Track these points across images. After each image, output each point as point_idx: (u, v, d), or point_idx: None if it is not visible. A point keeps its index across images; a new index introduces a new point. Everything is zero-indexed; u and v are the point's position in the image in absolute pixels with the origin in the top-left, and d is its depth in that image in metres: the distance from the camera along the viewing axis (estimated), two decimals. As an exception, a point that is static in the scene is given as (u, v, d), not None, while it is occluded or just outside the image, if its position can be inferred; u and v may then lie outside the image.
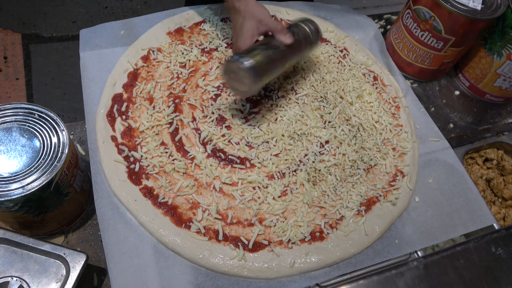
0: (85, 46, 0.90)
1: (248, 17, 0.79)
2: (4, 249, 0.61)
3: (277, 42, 0.80)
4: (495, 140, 0.99)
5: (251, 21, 0.79)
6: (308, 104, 0.91)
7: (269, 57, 0.77)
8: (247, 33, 0.78)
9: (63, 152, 0.62)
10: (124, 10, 2.48)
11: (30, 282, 0.60)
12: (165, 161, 0.78)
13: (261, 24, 0.79)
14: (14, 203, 0.58)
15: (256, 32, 0.79)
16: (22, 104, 0.65)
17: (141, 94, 0.85)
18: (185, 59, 0.92)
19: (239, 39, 0.79)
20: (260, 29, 0.79)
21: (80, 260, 0.61)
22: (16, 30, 2.27)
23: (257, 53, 0.76)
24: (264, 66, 0.76)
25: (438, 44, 0.96)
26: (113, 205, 0.72)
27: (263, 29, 0.80)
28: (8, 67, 2.12)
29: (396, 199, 0.80)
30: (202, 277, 0.68)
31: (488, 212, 0.83)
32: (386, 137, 0.90)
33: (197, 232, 0.71)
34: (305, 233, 0.73)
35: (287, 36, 0.80)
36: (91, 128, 0.80)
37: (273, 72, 0.80)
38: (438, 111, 1.03)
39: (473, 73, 1.05)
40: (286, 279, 0.70)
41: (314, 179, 0.80)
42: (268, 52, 0.77)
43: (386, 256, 0.74)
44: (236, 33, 0.81)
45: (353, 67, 1.00)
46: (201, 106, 0.86)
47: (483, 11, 0.90)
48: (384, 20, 1.22)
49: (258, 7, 0.80)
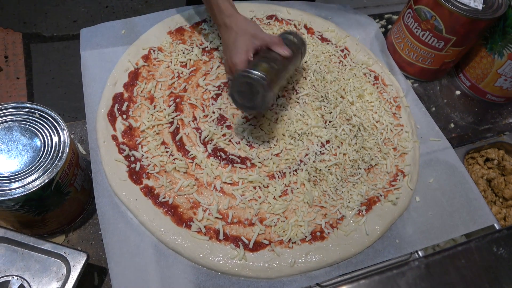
0: (86, 46, 0.90)
1: (241, 33, 0.77)
2: (5, 248, 0.61)
3: (275, 54, 0.78)
4: (496, 140, 0.99)
5: (244, 36, 0.76)
6: (308, 103, 0.91)
7: (273, 68, 0.75)
8: (241, 48, 0.76)
9: (63, 151, 0.62)
10: (125, 10, 2.48)
11: (30, 281, 0.60)
12: (166, 160, 0.78)
13: (255, 39, 0.77)
14: (15, 202, 0.59)
15: (251, 46, 0.76)
16: (23, 104, 0.65)
17: (142, 93, 0.85)
18: (185, 58, 0.92)
19: (234, 55, 0.76)
20: (255, 43, 0.77)
21: (80, 259, 0.61)
22: (17, 29, 2.27)
23: (261, 65, 0.74)
24: (273, 76, 0.74)
25: (439, 44, 0.96)
26: (114, 205, 0.72)
27: (258, 43, 0.77)
28: (9, 66, 2.12)
29: (396, 199, 0.80)
30: (202, 276, 0.68)
31: (489, 212, 0.83)
32: (387, 136, 0.90)
33: (197, 232, 0.71)
34: (306, 233, 0.73)
35: (285, 48, 0.79)
36: (91, 128, 0.80)
37: (280, 82, 0.80)
38: (439, 111, 1.03)
39: (474, 73, 1.05)
40: (287, 279, 0.69)
41: (315, 179, 0.80)
42: (271, 64, 0.76)
43: (386, 256, 0.74)
44: (230, 50, 0.78)
45: (354, 67, 1.00)
46: (202, 106, 0.86)
47: (484, 10, 0.90)
48: (385, 20, 1.22)
49: (250, 22, 0.80)
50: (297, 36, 0.87)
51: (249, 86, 0.72)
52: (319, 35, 1.05)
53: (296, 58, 0.86)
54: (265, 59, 0.77)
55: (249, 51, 0.76)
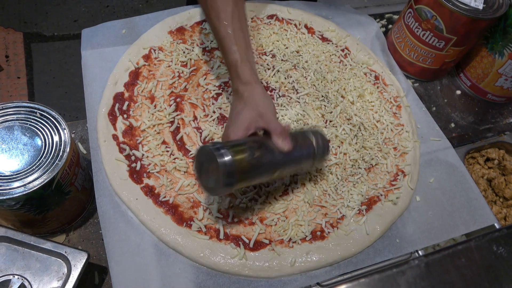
0: (87, 45, 0.90)
1: (249, 106, 0.68)
2: (6, 247, 0.62)
3: (271, 145, 0.66)
4: (496, 139, 0.99)
5: (251, 112, 0.67)
6: (309, 103, 0.91)
7: (255, 159, 0.62)
8: (242, 123, 0.66)
9: (64, 150, 0.62)
10: (126, 9, 2.48)
11: (31, 280, 0.60)
12: (166, 160, 0.78)
13: (261, 119, 0.67)
14: (15, 202, 0.59)
15: (253, 125, 0.67)
16: (23, 103, 0.65)
17: (142, 93, 0.85)
18: (186, 58, 0.92)
19: (231, 128, 0.67)
20: (259, 123, 0.67)
21: (81, 258, 0.61)
22: (17, 29, 2.28)
23: (242, 149, 0.61)
24: (244, 169, 0.61)
25: (439, 44, 0.96)
26: (114, 204, 0.72)
27: (261, 125, 0.67)
28: (9, 66, 2.12)
29: (397, 199, 0.80)
30: (203, 275, 0.68)
31: (489, 211, 0.83)
32: (387, 136, 0.90)
33: (198, 231, 0.71)
34: (306, 232, 0.73)
35: (286, 142, 0.66)
36: (92, 127, 0.80)
37: (255, 178, 0.65)
38: (439, 111, 1.03)
39: (474, 73, 1.05)
40: (287, 278, 0.70)
41: (315, 178, 0.81)
42: (256, 153, 0.63)
43: (387, 256, 0.74)
44: (231, 120, 0.69)
45: (355, 67, 1.00)
46: (202, 105, 0.86)
47: (485, 10, 0.90)
48: (386, 20, 1.22)
49: (264, 99, 0.69)
50: (321, 138, 0.73)
51: (210, 163, 0.60)
52: (319, 35, 1.05)
53: (302, 160, 0.71)
54: (256, 143, 0.65)
55: (249, 129, 0.66)
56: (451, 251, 0.68)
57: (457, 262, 0.67)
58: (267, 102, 0.69)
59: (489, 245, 0.69)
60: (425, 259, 0.67)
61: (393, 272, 0.65)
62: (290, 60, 0.97)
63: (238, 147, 0.62)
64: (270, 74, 0.94)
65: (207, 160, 0.61)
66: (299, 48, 1.00)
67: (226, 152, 0.58)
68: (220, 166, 0.57)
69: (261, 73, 0.94)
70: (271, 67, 0.95)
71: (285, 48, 1.00)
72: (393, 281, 0.64)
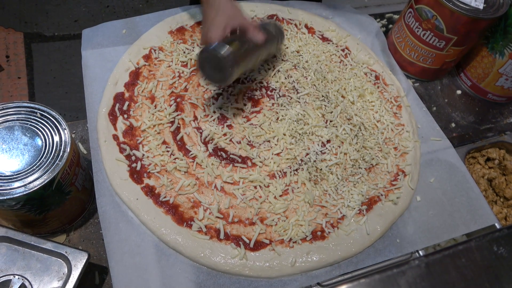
0: (87, 45, 0.90)
1: (221, 11, 0.79)
2: (6, 247, 0.62)
3: (248, 37, 0.81)
4: (497, 139, 0.99)
5: (224, 15, 0.79)
6: (309, 103, 0.91)
7: (243, 47, 0.79)
8: (219, 25, 0.78)
9: (65, 150, 0.62)
10: (126, 9, 2.49)
11: (32, 281, 0.60)
12: (167, 160, 0.78)
13: (233, 20, 0.80)
14: (16, 202, 0.59)
15: (229, 25, 0.79)
16: (24, 103, 0.66)
17: (142, 93, 0.85)
18: (186, 58, 0.92)
19: (211, 31, 0.78)
20: (233, 23, 0.80)
21: (81, 258, 0.61)
22: (18, 29, 2.28)
23: (232, 43, 0.77)
24: (240, 54, 0.77)
25: (440, 43, 0.96)
26: (115, 204, 0.72)
27: (235, 24, 0.80)
28: (10, 66, 2.12)
29: (397, 199, 0.80)
30: (203, 275, 0.68)
31: (490, 211, 0.83)
32: (387, 136, 0.90)
33: (198, 231, 0.71)
34: (306, 232, 0.73)
35: (260, 34, 0.82)
36: (92, 127, 0.80)
37: (247, 63, 0.82)
38: (440, 111, 1.03)
39: (475, 73, 1.05)
40: (287, 278, 0.70)
41: (316, 178, 0.80)
42: (241, 44, 0.79)
43: (387, 256, 0.74)
44: (207, 25, 0.81)
45: (355, 66, 1.00)
46: (203, 105, 0.86)
47: (485, 10, 0.90)
48: (386, 19, 1.22)
49: (232, 3, 0.82)
50: (275, 26, 0.92)
51: (216, 60, 0.75)
52: (320, 35, 1.05)
53: (271, 45, 0.90)
54: (238, 39, 0.80)
55: (226, 29, 0.79)
56: (452, 251, 0.68)
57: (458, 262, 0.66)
58: (234, 7, 0.82)
59: (489, 245, 0.69)
60: (425, 259, 0.67)
61: (393, 272, 0.65)
62: (290, 60, 0.97)
63: (230, 42, 0.76)
64: (271, 74, 0.94)
65: (211, 59, 0.75)
66: (299, 48, 1.01)
67: (225, 46, 0.74)
68: (227, 56, 0.74)
69: (261, 73, 0.94)
70: (272, 67, 0.95)
71: (286, 48, 1.00)
72: (394, 281, 0.64)
